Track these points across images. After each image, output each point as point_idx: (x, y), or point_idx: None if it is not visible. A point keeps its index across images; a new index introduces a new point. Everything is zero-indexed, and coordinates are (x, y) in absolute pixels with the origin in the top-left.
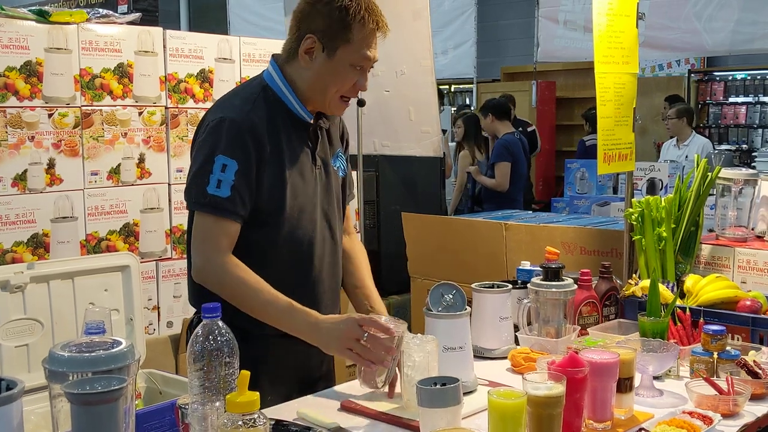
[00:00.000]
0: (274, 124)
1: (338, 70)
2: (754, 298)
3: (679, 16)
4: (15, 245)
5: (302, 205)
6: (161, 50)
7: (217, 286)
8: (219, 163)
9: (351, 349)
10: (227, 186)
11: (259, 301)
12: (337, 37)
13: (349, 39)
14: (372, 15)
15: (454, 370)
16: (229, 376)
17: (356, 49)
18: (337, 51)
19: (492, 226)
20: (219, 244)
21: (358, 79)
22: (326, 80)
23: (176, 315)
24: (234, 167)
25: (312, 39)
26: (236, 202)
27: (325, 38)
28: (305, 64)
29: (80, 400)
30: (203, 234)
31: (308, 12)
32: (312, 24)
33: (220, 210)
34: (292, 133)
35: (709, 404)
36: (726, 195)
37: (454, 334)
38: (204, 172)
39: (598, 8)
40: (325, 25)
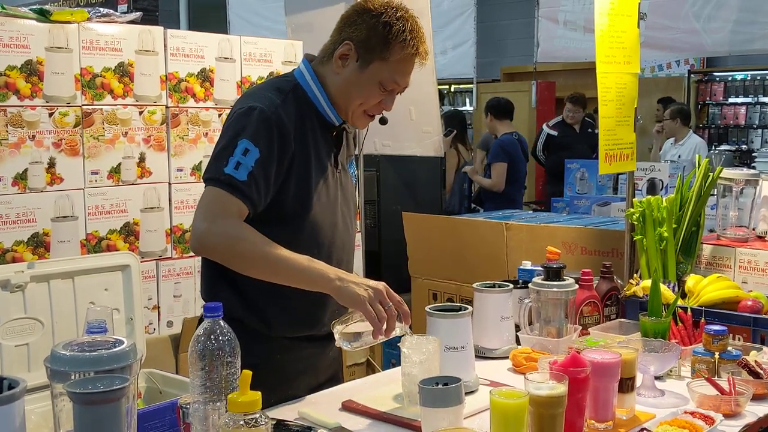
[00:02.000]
0: (302, 124)
1: (366, 84)
2: (755, 298)
3: (678, 16)
4: (15, 244)
5: (324, 206)
6: (162, 49)
7: (223, 245)
8: (241, 147)
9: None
10: (245, 170)
11: (272, 256)
12: (374, 51)
13: (385, 57)
14: (414, 39)
15: (456, 369)
16: (230, 376)
17: (389, 69)
18: (370, 65)
19: (493, 226)
20: (227, 210)
21: (384, 99)
22: (352, 90)
23: (176, 314)
24: (255, 155)
25: (349, 46)
26: (251, 188)
27: (362, 49)
28: (336, 68)
29: (82, 400)
30: (209, 202)
31: (354, 20)
32: (354, 32)
33: (234, 188)
34: (318, 135)
35: (710, 404)
36: (727, 195)
37: (455, 334)
38: (225, 153)
39: (600, 8)
40: (366, 36)
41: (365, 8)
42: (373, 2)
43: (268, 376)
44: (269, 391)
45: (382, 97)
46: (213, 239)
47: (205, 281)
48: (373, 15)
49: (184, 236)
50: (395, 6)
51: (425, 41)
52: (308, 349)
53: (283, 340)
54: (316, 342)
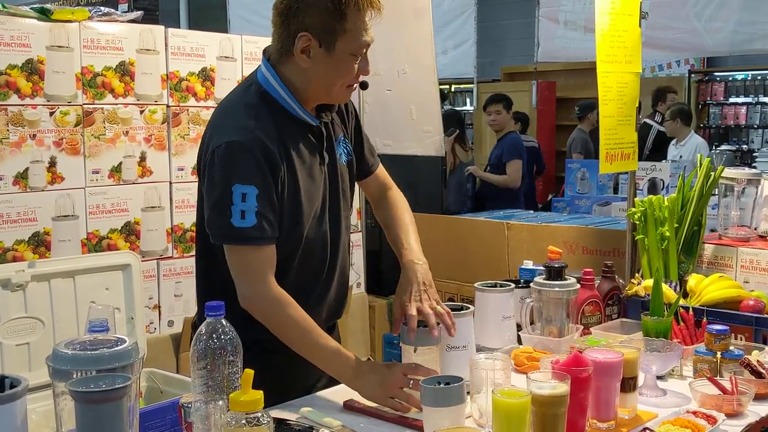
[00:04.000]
0: (280, 133)
1: (341, 63)
2: (757, 297)
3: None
4: (16, 244)
5: (315, 206)
6: (163, 48)
7: (264, 319)
8: (237, 193)
9: (393, 398)
10: (251, 213)
11: (305, 341)
12: (334, 30)
13: (345, 29)
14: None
15: (458, 369)
16: (232, 375)
17: (354, 38)
18: (336, 44)
19: (494, 226)
20: (260, 272)
21: (359, 65)
22: (329, 75)
23: (177, 314)
24: (254, 192)
25: (307, 36)
26: (264, 228)
27: (322, 33)
28: (303, 63)
29: (84, 398)
30: (242, 265)
31: (295, 8)
32: (303, 20)
33: (250, 240)
34: (298, 138)
35: (712, 404)
36: (729, 195)
37: (458, 333)
38: (224, 204)
39: (601, 7)
40: (319, 19)
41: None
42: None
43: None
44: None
45: (358, 64)
46: (256, 311)
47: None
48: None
49: (184, 235)
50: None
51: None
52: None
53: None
54: None
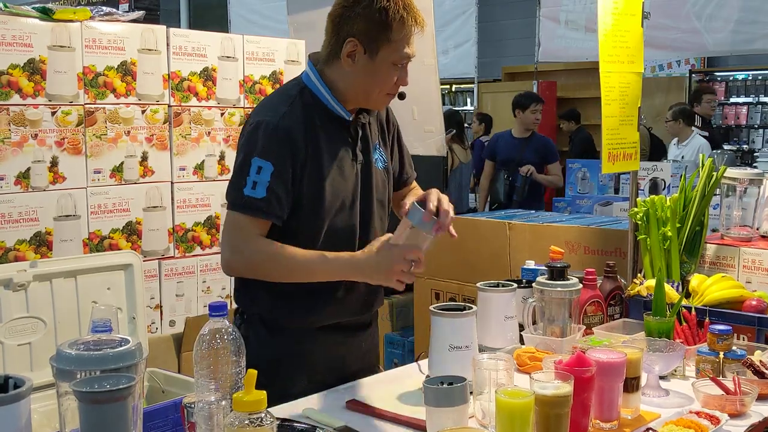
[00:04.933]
0: (312, 124)
1: (381, 70)
2: (760, 297)
3: (680, 16)
4: (18, 243)
5: (342, 200)
6: (164, 48)
7: (249, 271)
8: (255, 166)
9: (400, 279)
10: (263, 187)
11: (291, 262)
12: (379, 39)
13: (390, 39)
14: (410, 13)
15: (461, 369)
16: (235, 375)
17: (397, 48)
18: (379, 52)
19: (495, 226)
20: (248, 235)
21: (399, 75)
22: (370, 81)
23: (179, 314)
24: (269, 169)
25: (353, 42)
26: (271, 202)
27: (366, 40)
28: (347, 66)
29: (89, 399)
30: (234, 229)
31: (346, 16)
32: (352, 27)
33: (254, 210)
34: (331, 131)
35: (715, 404)
36: (731, 195)
37: (460, 333)
38: (241, 174)
39: (604, 7)
40: (366, 27)
41: (354, 0)
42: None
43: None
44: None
45: (398, 74)
46: (238, 267)
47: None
48: (365, 5)
49: (186, 235)
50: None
51: (418, 9)
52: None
53: (311, 331)
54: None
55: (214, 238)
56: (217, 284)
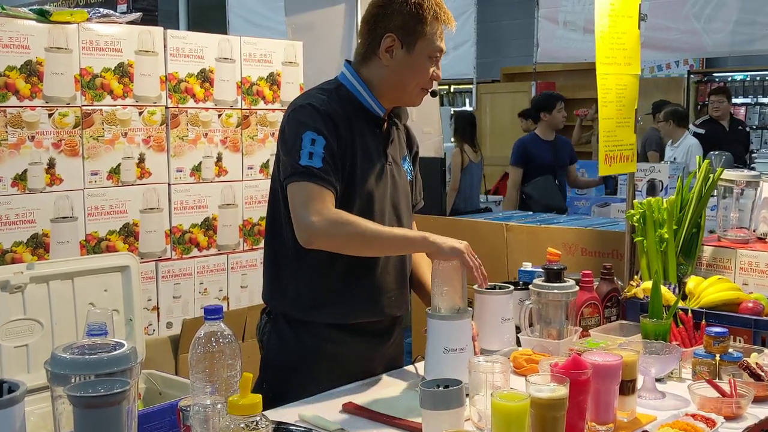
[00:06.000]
0: (347, 117)
1: (418, 62)
2: (756, 300)
3: (679, 17)
4: (15, 245)
5: (372, 194)
6: (162, 50)
7: (328, 236)
8: (308, 138)
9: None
10: (318, 157)
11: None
12: (415, 32)
13: (425, 32)
14: (441, 8)
15: (456, 372)
16: (231, 379)
17: (431, 41)
18: (416, 45)
19: (493, 227)
20: (322, 201)
21: (433, 69)
22: (407, 74)
23: (176, 316)
24: (322, 142)
25: (392, 37)
26: (329, 173)
27: (404, 34)
28: (386, 62)
29: (83, 403)
30: (305, 196)
31: (382, 14)
32: (389, 24)
33: (316, 177)
34: (364, 127)
35: (711, 406)
36: (728, 196)
37: (455, 335)
38: (294, 148)
39: (600, 9)
40: (402, 21)
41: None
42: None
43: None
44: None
45: (432, 68)
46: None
47: (267, 276)
48: (400, 2)
49: (183, 237)
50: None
51: (446, 7)
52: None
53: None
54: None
55: (212, 239)
56: (214, 286)
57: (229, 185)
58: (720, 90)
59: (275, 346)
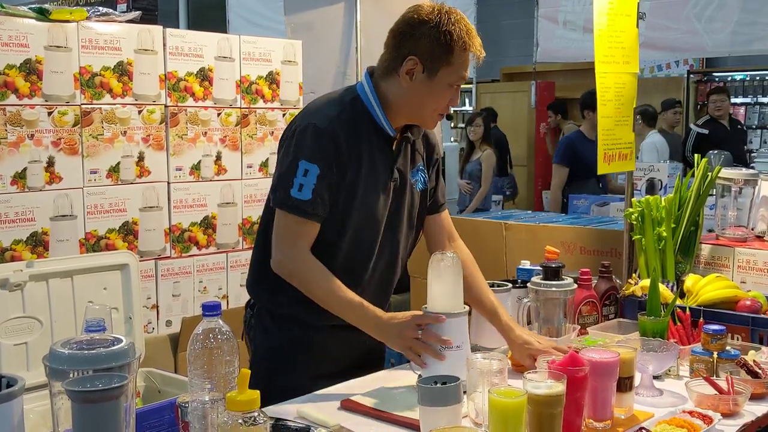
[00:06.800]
0: (357, 131)
1: (437, 89)
2: (754, 297)
3: (679, 17)
4: (14, 243)
5: (370, 210)
6: (161, 48)
7: (294, 278)
8: (302, 168)
9: (410, 348)
10: (309, 189)
11: (332, 296)
12: (440, 60)
13: (450, 62)
14: (471, 39)
15: (452, 368)
16: (229, 375)
17: (455, 71)
18: (438, 73)
19: (492, 226)
20: (297, 241)
21: (452, 96)
22: (425, 99)
23: (175, 314)
24: (315, 171)
25: (414, 61)
26: (317, 204)
27: (428, 60)
28: (405, 83)
29: (81, 398)
30: (284, 231)
31: (411, 34)
32: (416, 46)
33: (301, 212)
34: (374, 142)
35: (709, 404)
36: (726, 195)
37: (452, 333)
38: (289, 175)
39: (599, 8)
40: (429, 47)
41: (420, 20)
42: (423, 12)
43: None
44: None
45: (452, 95)
46: (284, 271)
47: (254, 267)
48: (431, 26)
49: (183, 235)
50: (446, 10)
51: (478, 37)
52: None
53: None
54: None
55: (211, 238)
56: (214, 284)
57: (229, 184)
58: (720, 89)
59: (261, 339)
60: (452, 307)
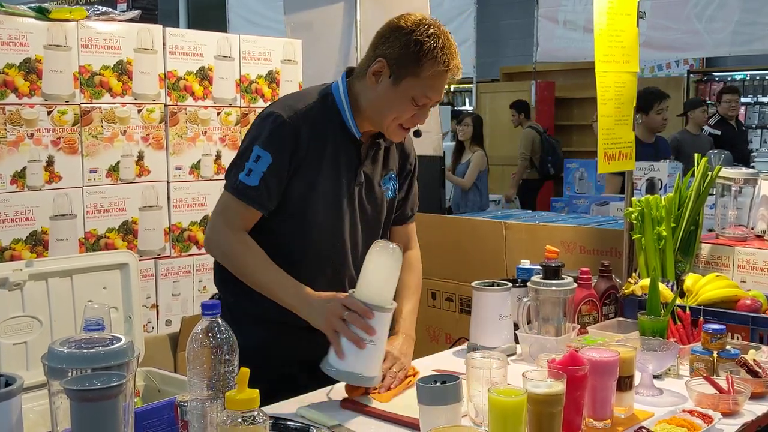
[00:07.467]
0: (323, 129)
1: (399, 99)
2: (754, 297)
3: (680, 17)
4: (14, 243)
5: (329, 213)
6: (161, 48)
7: (221, 256)
8: (255, 154)
9: (333, 329)
10: (257, 176)
11: (260, 271)
12: (407, 68)
13: (417, 73)
14: (446, 56)
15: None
16: (228, 374)
17: (421, 85)
18: (402, 81)
19: (492, 226)
20: (232, 220)
21: (416, 113)
22: (385, 105)
23: (175, 313)
24: (267, 160)
25: (382, 63)
26: (261, 193)
27: (395, 65)
28: (370, 84)
29: (79, 397)
30: (221, 209)
31: (387, 36)
32: (387, 49)
33: (244, 196)
34: (339, 142)
35: (709, 403)
36: (726, 194)
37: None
38: (241, 159)
39: (599, 7)
40: (399, 53)
41: (398, 26)
42: (406, 19)
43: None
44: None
45: (415, 112)
46: (214, 249)
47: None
48: (405, 32)
49: (182, 235)
50: (428, 23)
51: (457, 56)
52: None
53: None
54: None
55: None
56: (213, 284)
57: None
58: (733, 89)
59: None
60: (381, 300)
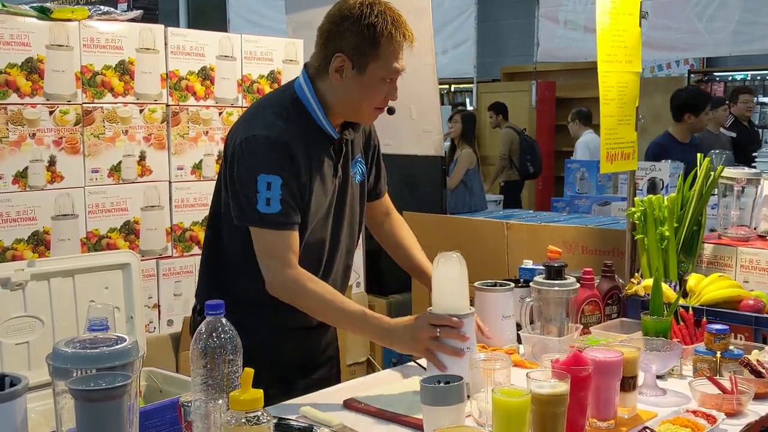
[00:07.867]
0: (305, 137)
1: (369, 85)
2: (757, 297)
3: (680, 17)
4: (15, 243)
5: (318, 211)
6: (162, 48)
7: (290, 299)
8: (263, 183)
9: (428, 349)
10: (276, 201)
11: (333, 311)
12: (367, 54)
13: (378, 55)
14: (399, 28)
15: (461, 370)
16: (232, 374)
17: (385, 64)
18: (367, 68)
19: (493, 226)
20: (284, 257)
21: (388, 91)
22: (358, 96)
23: (177, 313)
24: (278, 182)
25: (342, 58)
26: (288, 213)
27: (355, 56)
28: (336, 81)
29: (84, 397)
30: (266, 249)
31: (335, 31)
32: (340, 43)
33: (275, 224)
34: (319, 146)
35: (712, 403)
36: (728, 194)
37: (466, 333)
38: (250, 193)
39: (602, 7)
40: (354, 43)
41: (343, 16)
42: (345, 7)
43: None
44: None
45: (387, 89)
46: (280, 293)
47: (200, 285)
48: (353, 21)
49: (184, 235)
50: (369, 2)
51: (406, 22)
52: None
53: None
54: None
55: None
56: None
57: None
58: (748, 89)
59: None
60: (462, 307)
